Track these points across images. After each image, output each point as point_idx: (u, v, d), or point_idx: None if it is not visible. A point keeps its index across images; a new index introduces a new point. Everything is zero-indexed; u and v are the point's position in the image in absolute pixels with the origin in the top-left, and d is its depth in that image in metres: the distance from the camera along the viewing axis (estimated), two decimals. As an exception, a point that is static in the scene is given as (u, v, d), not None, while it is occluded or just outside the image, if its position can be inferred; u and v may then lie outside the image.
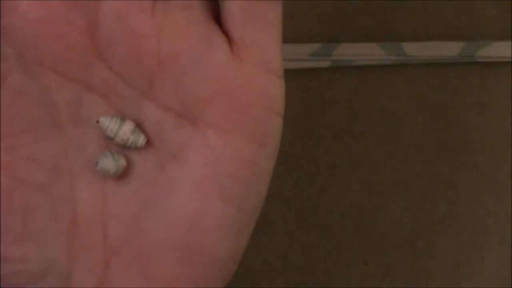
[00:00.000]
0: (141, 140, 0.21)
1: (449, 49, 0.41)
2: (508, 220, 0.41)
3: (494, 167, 0.42)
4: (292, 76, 0.41)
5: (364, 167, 0.41)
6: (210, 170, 0.21)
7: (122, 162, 0.21)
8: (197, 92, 0.21)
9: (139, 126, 0.21)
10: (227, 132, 0.21)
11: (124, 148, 0.21)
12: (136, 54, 0.20)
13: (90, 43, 0.20)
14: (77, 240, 0.21)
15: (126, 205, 0.21)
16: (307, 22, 0.41)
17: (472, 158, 0.42)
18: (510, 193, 0.41)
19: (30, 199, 0.20)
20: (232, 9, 0.21)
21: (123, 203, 0.21)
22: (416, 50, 0.41)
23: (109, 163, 0.21)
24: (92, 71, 0.21)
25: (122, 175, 0.21)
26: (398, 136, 0.41)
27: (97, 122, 0.21)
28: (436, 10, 0.42)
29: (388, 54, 0.41)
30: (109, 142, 0.21)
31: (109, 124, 0.21)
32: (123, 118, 0.21)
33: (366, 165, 0.41)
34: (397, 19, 0.41)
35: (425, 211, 0.41)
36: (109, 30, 0.20)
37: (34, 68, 0.20)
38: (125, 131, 0.21)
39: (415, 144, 0.41)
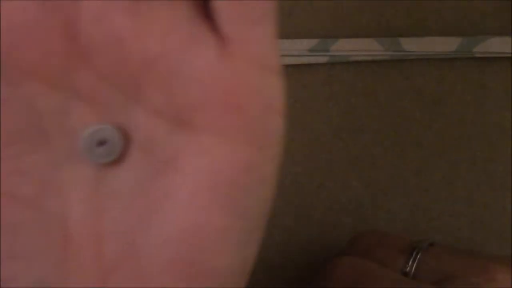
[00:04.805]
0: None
1: (447, 44, 0.41)
2: (506, 216, 0.41)
3: (493, 163, 0.41)
4: (290, 72, 0.41)
5: (362, 163, 0.41)
6: (206, 178, 0.19)
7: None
8: (187, 94, 0.19)
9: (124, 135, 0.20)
10: (222, 135, 0.20)
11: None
12: (120, 58, 0.19)
13: (71, 48, 0.19)
14: (70, 258, 0.20)
15: (119, 220, 0.20)
16: (305, 17, 0.41)
17: (471, 153, 0.41)
18: (509, 188, 0.41)
19: (19, 215, 0.19)
20: (221, 4, 0.19)
21: (116, 217, 0.20)
22: (414, 46, 0.41)
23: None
24: (76, 78, 0.19)
25: (114, 187, 0.20)
26: (396, 131, 0.41)
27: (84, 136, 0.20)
28: (433, 5, 0.41)
29: (386, 50, 0.41)
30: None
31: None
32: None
33: (364, 160, 0.41)
34: (394, 15, 0.41)
35: (423, 207, 0.41)
36: (90, 33, 0.19)
37: (15, 75, 0.19)
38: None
39: (413, 139, 0.41)
